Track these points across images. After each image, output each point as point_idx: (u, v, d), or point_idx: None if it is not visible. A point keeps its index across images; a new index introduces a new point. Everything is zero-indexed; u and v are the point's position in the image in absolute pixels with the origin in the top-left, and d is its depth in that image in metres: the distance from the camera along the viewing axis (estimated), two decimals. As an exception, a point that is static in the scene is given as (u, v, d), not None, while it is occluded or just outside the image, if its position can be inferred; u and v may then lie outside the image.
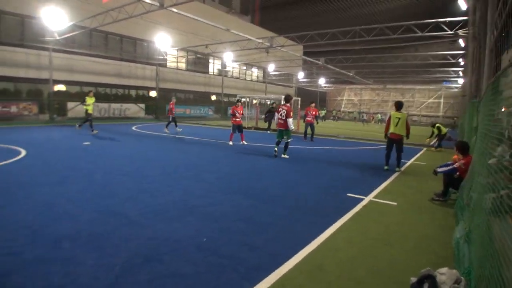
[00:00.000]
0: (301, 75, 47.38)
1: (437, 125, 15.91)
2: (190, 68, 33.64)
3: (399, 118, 8.88)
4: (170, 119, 16.92)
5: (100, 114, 23.51)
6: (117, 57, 26.33)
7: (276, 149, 10.56)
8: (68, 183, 6.31)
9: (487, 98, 4.95)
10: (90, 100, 14.80)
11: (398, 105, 9.18)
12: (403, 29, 21.17)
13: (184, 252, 3.58)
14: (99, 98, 24.01)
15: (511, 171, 2.69)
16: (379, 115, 47.45)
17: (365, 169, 9.29)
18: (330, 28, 23.90)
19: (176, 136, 15.54)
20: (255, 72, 43.80)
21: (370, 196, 6.39)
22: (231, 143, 13.02)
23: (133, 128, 18.83)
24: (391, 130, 8.96)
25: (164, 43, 25.85)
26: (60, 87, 23.12)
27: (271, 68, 38.76)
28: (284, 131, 10.33)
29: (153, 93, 29.47)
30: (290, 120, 10.16)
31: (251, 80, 43.13)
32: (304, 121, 17.03)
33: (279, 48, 26.98)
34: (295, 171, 8.65)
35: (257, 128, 22.14)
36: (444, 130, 15.64)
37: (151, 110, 28.37)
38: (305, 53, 37.84)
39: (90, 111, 14.80)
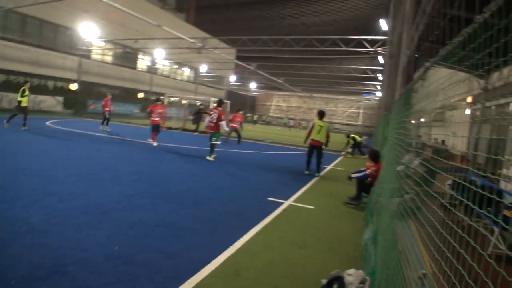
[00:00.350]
0: (232, 79, 47.63)
1: (351, 135, 17.21)
2: (116, 62, 31.87)
3: (322, 126, 9.46)
4: (106, 116, 16.38)
5: (9, 106, 21.13)
6: (34, 44, 23.92)
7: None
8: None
9: (396, 111, 5.42)
10: (27, 91, 13.11)
11: (321, 114, 9.78)
12: (330, 42, 22.42)
13: (93, 262, 3.31)
14: (11, 87, 21.63)
15: (416, 177, 2.94)
16: (304, 122, 49.58)
17: (287, 174, 9.59)
18: (263, 34, 24.44)
19: (96, 134, 14.55)
20: (186, 72, 43.00)
21: (290, 200, 6.61)
22: (155, 143, 12.60)
23: (48, 123, 17.25)
24: (313, 136, 9.50)
25: (90, 33, 24.15)
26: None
27: (203, 69, 38.37)
28: (213, 133, 10.46)
29: (73, 86, 27.27)
30: (223, 123, 10.55)
31: (182, 80, 42.26)
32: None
33: (212, 49, 26.84)
34: (219, 175, 8.61)
35: (184, 129, 21.71)
36: (358, 139, 17.03)
37: (70, 104, 26.24)
38: (237, 57, 38.14)
39: (24, 104, 13.08)
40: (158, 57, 31.29)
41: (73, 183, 6.18)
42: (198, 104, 25.17)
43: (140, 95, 34.34)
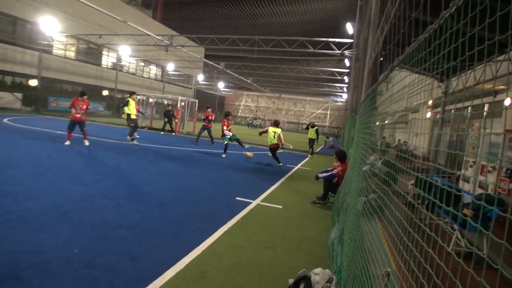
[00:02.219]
0: (200, 77, 47.20)
1: (316, 128, 16.99)
2: (80, 58, 30.65)
3: (275, 132, 11.60)
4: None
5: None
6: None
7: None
8: None
9: (361, 112, 5.53)
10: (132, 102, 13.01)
11: (276, 123, 11.96)
12: (298, 43, 22.70)
13: (50, 266, 3.13)
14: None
15: (381, 177, 2.99)
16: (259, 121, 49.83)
17: (255, 174, 9.58)
18: (231, 33, 24.39)
19: (57, 132, 13.90)
20: (153, 70, 42.08)
21: (258, 200, 6.59)
22: (68, 142, 10.79)
23: (5, 120, 16.33)
24: (270, 142, 11.64)
25: (51, 27, 23.07)
26: None
27: (170, 67, 37.72)
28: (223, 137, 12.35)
29: (33, 82, 25.93)
30: (226, 132, 12.14)
31: (149, 78, 41.31)
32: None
33: (179, 47, 26.43)
34: (186, 175, 8.45)
35: (151, 128, 21.27)
36: (313, 133, 16.92)
37: (29, 101, 24.92)
38: (206, 56, 37.82)
39: (133, 117, 13.16)
40: (124, 53, 30.43)
41: (31, 184, 5.84)
42: (166, 103, 24.74)
43: (105, 92, 33.28)
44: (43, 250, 3.44)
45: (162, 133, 19.47)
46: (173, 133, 19.83)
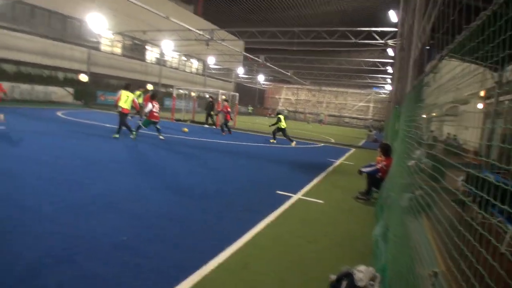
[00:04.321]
0: (241, 71, 47.49)
1: (279, 115, 15.06)
2: (126, 54, 31.89)
3: (128, 97, 10.84)
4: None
5: (21, 97, 21.40)
6: (43, 34, 23.86)
7: None
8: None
9: (407, 104, 5.32)
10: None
11: (127, 86, 11.21)
12: (339, 34, 22.16)
13: (100, 252, 3.32)
14: (21, 78, 21.88)
15: (428, 173, 2.88)
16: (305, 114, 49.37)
17: (296, 167, 9.53)
18: (271, 26, 24.24)
19: (107, 125, 14.60)
20: (194, 64, 42.91)
21: (299, 194, 6.55)
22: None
23: (58, 113, 17.39)
24: (127, 106, 10.78)
25: (99, 24, 24.15)
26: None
27: (211, 61, 38.26)
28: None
29: (84, 77, 27.27)
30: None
31: (191, 72, 42.19)
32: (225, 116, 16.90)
33: (220, 41, 26.72)
34: (227, 168, 8.58)
35: (193, 122, 21.76)
36: (284, 125, 14.91)
37: (80, 96, 26.35)
38: (245, 49, 37.95)
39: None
40: (167, 49, 31.21)
41: (82, 173, 6.20)
42: (207, 97, 25.16)
43: (150, 87, 34.36)
44: (94, 236, 3.64)
45: (206, 126, 19.85)
46: (214, 127, 20.12)
